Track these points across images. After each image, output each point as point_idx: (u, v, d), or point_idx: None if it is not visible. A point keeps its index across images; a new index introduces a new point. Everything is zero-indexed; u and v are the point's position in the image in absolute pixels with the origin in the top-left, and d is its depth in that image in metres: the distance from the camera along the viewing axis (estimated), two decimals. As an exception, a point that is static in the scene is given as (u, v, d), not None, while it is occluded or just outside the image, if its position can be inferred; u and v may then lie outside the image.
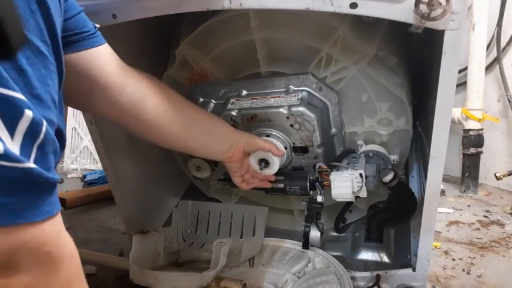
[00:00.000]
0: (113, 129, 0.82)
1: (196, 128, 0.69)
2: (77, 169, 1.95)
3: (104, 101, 0.58)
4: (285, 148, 0.81)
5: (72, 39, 0.51)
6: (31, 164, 0.30)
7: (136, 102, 0.60)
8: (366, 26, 0.78)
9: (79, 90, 0.55)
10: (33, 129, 0.31)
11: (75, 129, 2.04)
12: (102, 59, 0.55)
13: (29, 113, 0.30)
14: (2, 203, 0.29)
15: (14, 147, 0.29)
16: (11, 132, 0.29)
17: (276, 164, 0.78)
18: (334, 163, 0.80)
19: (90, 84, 0.55)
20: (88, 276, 0.40)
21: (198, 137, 0.70)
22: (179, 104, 0.66)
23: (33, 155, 0.31)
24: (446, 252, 1.03)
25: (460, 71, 1.50)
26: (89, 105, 0.60)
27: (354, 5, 0.56)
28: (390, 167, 0.82)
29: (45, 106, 0.34)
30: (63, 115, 0.46)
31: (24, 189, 0.30)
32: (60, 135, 0.43)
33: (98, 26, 0.55)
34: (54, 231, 0.34)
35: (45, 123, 0.32)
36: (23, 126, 0.30)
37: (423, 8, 0.53)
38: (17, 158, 0.29)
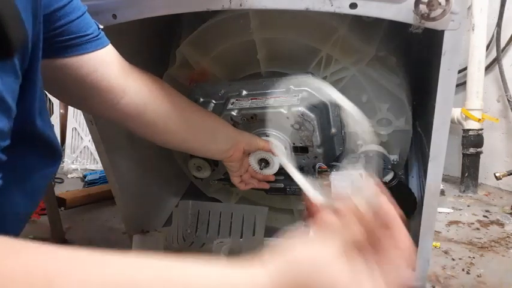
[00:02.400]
0: (113, 129, 0.82)
1: (198, 128, 0.69)
2: (77, 169, 1.94)
3: (105, 104, 0.57)
4: (285, 148, 0.81)
5: (74, 43, 0.50)
6: None
7: (137, 105, 0.60)
8: (366, 26, 0.78)
9: (80, 93, 0.55)
10: None
11: (75, 129, 2.04)
12: (105, 61, 0.54)
13: None
14: None
15: None
16: None
17: (276, 164, 0.78)
18: (334, 163, 0.80)
19: (92, 88, 0.54)
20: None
21: (199, 138, 0.70)
22: (180, 104, 0.66)
23: None
24: (446, 252, 1.03)
25: (459, 71, 1.50)
26: (90, 107, 0.60)
27: (353, 5, 0.56)
28: (390, 167, 0.82)
29: None
30: (50, 124, 0.45)
31: None
32: (50, 143, 0.43)
33: (101, 27, 0.54)
34: None
35: None
36: None
37: (423, 8, 0.53)
38: None
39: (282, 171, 0.83)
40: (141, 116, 0.61)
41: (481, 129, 1.48)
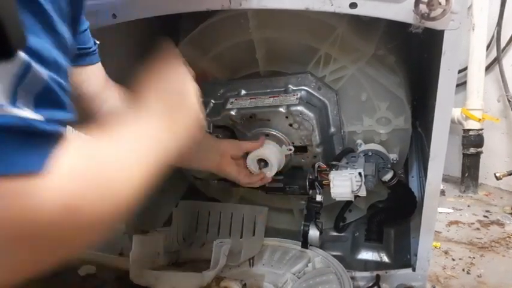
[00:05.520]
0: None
1: None
2: (77, 169, 1.94)
3: (87, 110, 0.61)
4: (282, 147, 0.81)
5: (77, 53, 0.52)
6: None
7: (115, 112, 0.62)
8: (365, 25, 0.78)
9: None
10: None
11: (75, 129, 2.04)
12: (95, 74, 0.59)
13: None
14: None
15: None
16: None
17: (274, 164, 0.78)
18: (334, 162, 0.80)
19: (79, 95, 0.58)
20: (88, 276, 0.40)
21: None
22: None
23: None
24: (446, 252, 1.03)
25: (460, 71, 1.50)
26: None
27: (353, 5, 0.56)
28: (389, 166, 0.82)
29: None
30: None
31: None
32: None
33: (98, 42, 0.58)
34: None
35: None
36: None
37: (423, 8, 0.53)
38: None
39: (281, 171, 0.83)
40: None
41: (481, 129, 1.48)
